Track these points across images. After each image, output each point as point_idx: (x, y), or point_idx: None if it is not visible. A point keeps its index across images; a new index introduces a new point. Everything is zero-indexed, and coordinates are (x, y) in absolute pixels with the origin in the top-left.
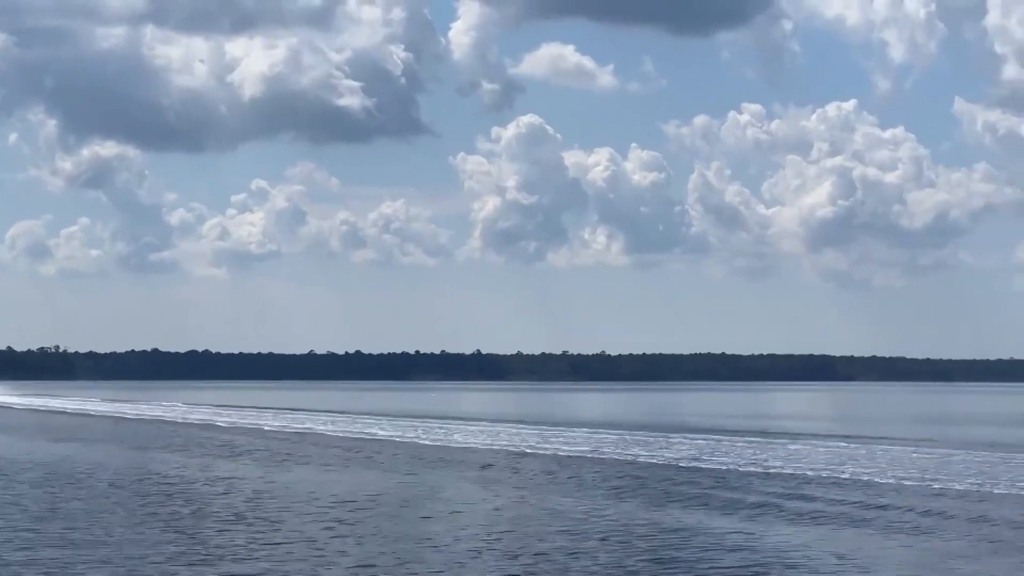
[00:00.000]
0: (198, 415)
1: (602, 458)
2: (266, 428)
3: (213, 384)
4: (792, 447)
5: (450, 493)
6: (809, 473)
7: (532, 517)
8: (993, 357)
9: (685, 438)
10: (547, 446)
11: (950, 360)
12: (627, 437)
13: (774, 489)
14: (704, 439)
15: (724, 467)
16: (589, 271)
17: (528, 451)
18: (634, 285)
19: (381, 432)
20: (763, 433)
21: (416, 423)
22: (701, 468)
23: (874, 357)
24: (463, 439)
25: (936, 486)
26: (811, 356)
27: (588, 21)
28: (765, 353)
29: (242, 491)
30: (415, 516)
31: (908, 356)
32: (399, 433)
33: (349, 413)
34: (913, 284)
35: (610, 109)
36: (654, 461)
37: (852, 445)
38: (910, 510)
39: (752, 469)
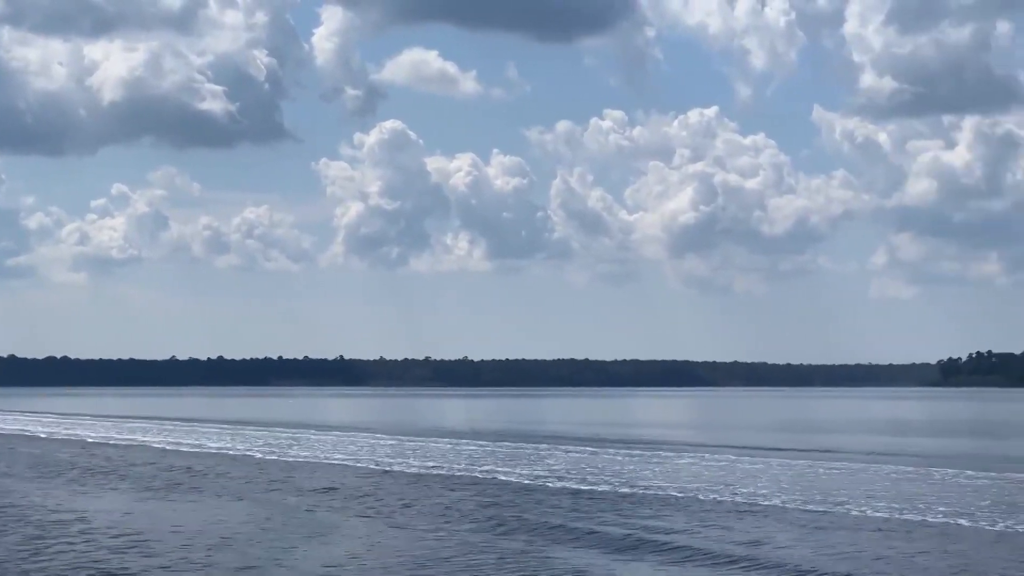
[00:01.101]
0: (12, 425)
1: (459, 475)
2: (89, 439)
3: (72, 391)
4: (665, 458)
5: (271, 532)
6: (678, 495)
7: (361, 555)
8: (852, 362)
9: (552, 449)
10: (395, 461)
11: (810, 365)
12: (491, 449)
13: (644, 515)
14: (570, 449)
15: (590, 485)
16: (452, 276)
17: (376, 467)
18: (497, 290)
19: (212, 445)
20: (628, 442)
21: (263, 432)
22: (568, 488)
23: (735, 362)
24: (310, 453)
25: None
26: (674, 361)
27: (451, 26)
28: (628, 358)
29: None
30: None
31: (769, 361)
32: (237, 445)
33: (192, 421)
34: (774, 290)
35: (473, 115)
36: (512, 480)
37: (730, 458)
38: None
39: (621, 489)
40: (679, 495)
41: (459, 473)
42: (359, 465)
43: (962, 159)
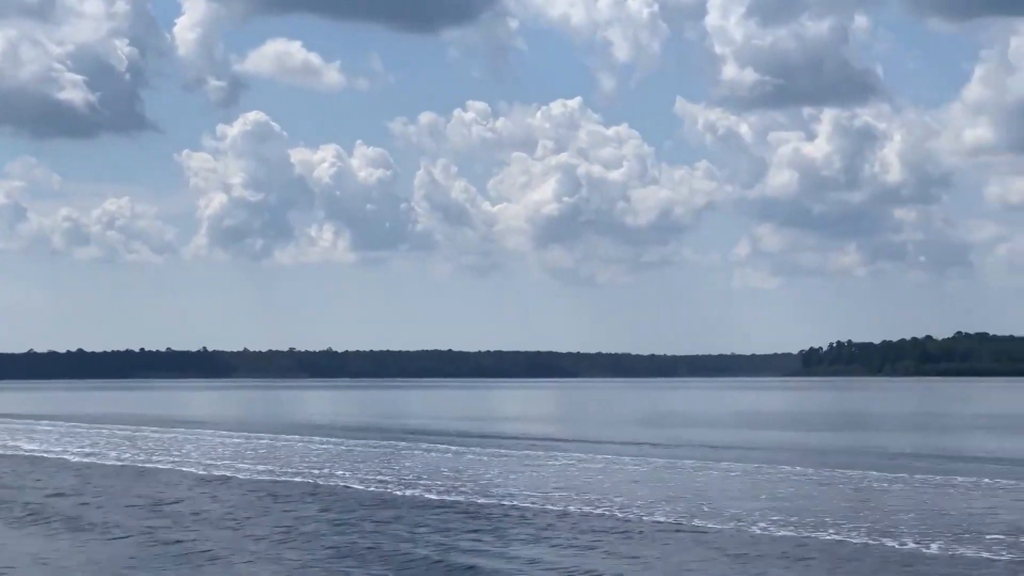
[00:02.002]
0: None
1: (299, 482)
2: None
3: None
4: (533, 458)
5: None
6: (541, 507)
7: None
8: (715, 352)
9: (411, 448)
10: (233, 465)
11: (674, 356)
12: (345, 448)
13: (504, 535)
14: (430, 448)
15: (444, 494)
16: (316, 268)
17: (205, 473)
18: (361, 282)
19: (29, 446)
20: (493, 438)
21: (98, 430)
22: (420, 500)
23: (600, 353)
24: (134, 455)
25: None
26: (538, 353)
27: (315, 17)
28: (493, 350)
29: None
30: None
31: (633, 352)
32: (53, 447)
33: (26, 417)
34: (637, 280)
35: (336, 106)
36: (360, 487)
37: (584, 455)
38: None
39: (479, 499)
40: (543, 507)
41: (298, 479)
42: (185, 470)
43: (821, 151)
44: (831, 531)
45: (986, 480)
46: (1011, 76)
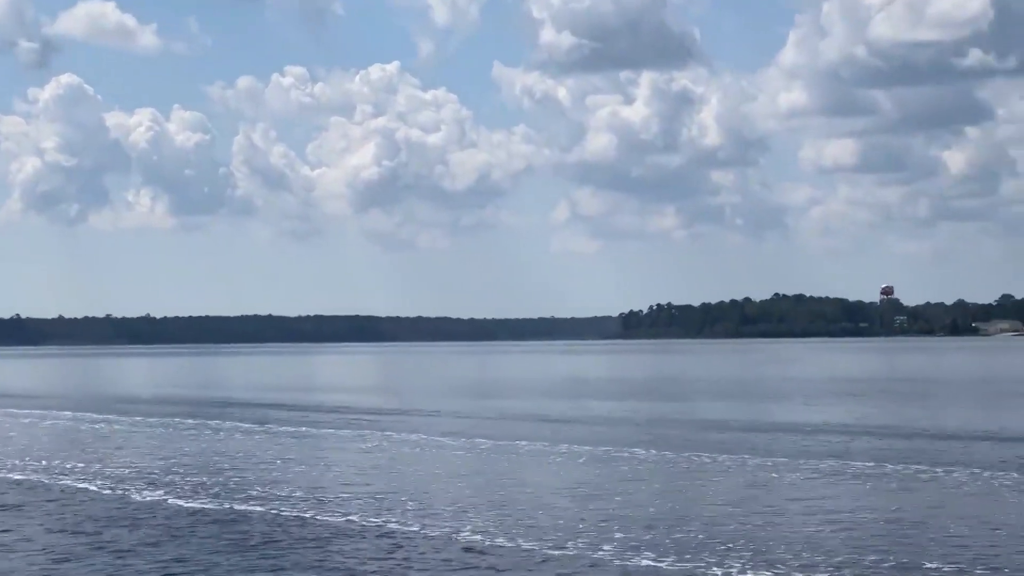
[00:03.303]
0: None
1: (35, 482)
2: None
3: None
4: (337, 438)
5: None
6: (299, 515)
7: None
8: (535, 316)
9: (221, 422)
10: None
11: (495, 320)
12: (132, 426)
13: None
14: (223, 425)
15: (206, 500)
16: (133, 233)
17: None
18: (179, 247)
19: None
20: (301, 410)
21: None
22: (170, 507)
23: (420, 317)
24: None
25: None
26: (357, 317)
27: None
28: (312, 314)
29: None
30: None
31: (453, 316)
32: None
33: None
34: (457, 244)
35: (153, 69)
36: (94, 489)
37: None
38: None
39: (252, 507)
40: (316, 517)
41: (16, 476)
42: None
43: (640, 114)
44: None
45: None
46: (824, 40)
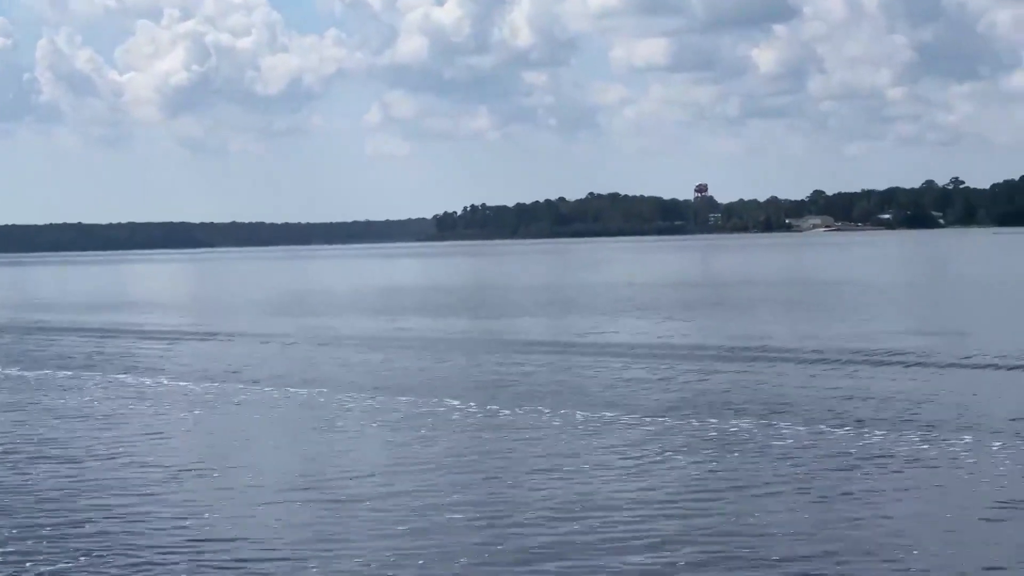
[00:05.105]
0: None
1: None
2: None
3: None
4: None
5: None
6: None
7: None
8: (350, 219)
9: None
10: None
11: (309, 224)
12: None
13: None
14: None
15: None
16: None
17: None
18: None
19: None
20: (97, 331)
21: None
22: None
23: (234, 223)
24: None
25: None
26: (170, 223)
27: None
28: (124, 222)
29: None
30: None
31: (267, 221)
32: None
33: None
34: (269, 149)
35: None
36: None
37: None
38: None
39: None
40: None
41: None
42: None
43: (451, 16)
44: None
45: None
46: None
